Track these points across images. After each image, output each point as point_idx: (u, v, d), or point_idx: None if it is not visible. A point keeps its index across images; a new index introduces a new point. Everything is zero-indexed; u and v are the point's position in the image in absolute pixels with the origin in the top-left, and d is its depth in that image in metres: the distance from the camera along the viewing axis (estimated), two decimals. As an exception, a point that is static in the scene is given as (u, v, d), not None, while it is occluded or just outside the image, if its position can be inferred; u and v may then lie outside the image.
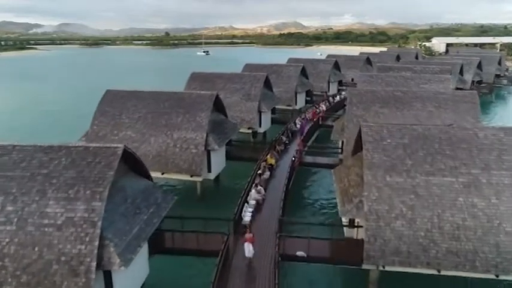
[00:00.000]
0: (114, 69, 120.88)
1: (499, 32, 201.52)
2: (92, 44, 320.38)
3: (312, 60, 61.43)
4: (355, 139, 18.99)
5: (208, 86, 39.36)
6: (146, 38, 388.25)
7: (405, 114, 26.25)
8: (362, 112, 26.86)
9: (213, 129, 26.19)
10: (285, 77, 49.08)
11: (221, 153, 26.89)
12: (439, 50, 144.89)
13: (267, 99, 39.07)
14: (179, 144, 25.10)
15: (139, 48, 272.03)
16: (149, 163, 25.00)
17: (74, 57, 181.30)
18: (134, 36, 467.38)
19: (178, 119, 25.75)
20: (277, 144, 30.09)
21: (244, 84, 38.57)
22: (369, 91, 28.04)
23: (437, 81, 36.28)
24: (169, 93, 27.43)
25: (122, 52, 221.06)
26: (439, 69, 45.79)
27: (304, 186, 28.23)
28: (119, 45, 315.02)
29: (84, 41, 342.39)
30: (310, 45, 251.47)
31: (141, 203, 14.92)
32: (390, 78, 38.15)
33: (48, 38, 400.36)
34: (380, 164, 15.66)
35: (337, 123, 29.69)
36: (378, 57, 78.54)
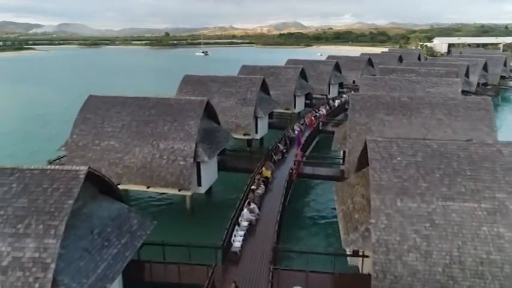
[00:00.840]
0: (110, 70, 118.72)
1: (500, 32, 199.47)
2: (90, 44, 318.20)
3: (311, 62, 59.25)
4: (360, 154, 16.82)
5: (202, 89, 37.28)
6: (146, 38, 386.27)
7: (412, 122, 24.08)
8: (366, 120, 24.69)
9: (203, 139, 24.03)
10: (284, 80, 46.93)
11: (212, 164, 24.75)
12: (441, 50, 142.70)
13: (264, 103, 36.91)
14: (166, 155, 22.94)
15: (138, 49, 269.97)
16: (133, 176, 22.98)
17: (71, 57, 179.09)
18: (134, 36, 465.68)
19: (165, 128, 23.59)
20: (273, 153, 27.95)
21: (240, 87, 36.42)
22: (373, 96, 25.88)
23: (445, 85, 34.12)
24: (156, 99, 25.28)
25: (120, 52, 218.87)
26: (445, 72, 43.60)
27: (303, 203, 25.96)
28: (118, 45, 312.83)
29: (83, 41, 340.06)
30: (310, 46, 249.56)
31: (112, 233, 12.77)
32: (394, 81, 36.01)
33: (47, 38, 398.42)
34: (389, 186, 13.50)
35: (339, 131, 27.51)
36: (380, 58, 76.35)
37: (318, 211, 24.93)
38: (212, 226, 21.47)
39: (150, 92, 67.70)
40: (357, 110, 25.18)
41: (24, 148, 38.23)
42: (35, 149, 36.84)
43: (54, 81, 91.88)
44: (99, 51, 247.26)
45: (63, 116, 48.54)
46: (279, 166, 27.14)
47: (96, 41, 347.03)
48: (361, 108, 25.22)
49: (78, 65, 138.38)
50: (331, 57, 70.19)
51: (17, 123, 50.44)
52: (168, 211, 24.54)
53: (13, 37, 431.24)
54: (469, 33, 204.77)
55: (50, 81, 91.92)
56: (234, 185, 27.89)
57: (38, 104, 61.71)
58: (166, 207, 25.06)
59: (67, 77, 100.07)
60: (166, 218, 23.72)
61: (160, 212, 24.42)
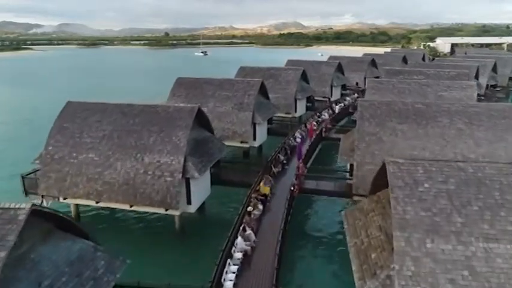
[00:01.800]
0: (105, 70, 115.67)
1: (501, 32, 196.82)
2: (89, 44, 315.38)
3: (312, 63, 56.56)
4: (376, 176, 14.17)
5: (196, 93, 34.67)
6: (145, 38, 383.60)
7: (429, 132, 21.40)
8: (376, 129, 22.02)
9: (193, 151, 21.37)
10: (284, 82, 44.29)
11: (204, 179, 22.07)
12: (444, 50, 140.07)
13: (262, 108, 34.25)
14: (151, 170, 20.28)
15: (137, 49, 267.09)
16: (114, 194, 20.33)
17: (68, 58, 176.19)
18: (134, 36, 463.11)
19: (151, 139, 20.92)
20: (273, 165, 25.28)
21: (237, 91, 33.77)
22: (384, 103, 23.20)
23: (459, 88, 31.47)
24: (140, 106, 22.59)
25: (118, 53, 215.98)
26: (455, 74, 40.94)
27: (306, 224, 23.11)
28: (116, 45, 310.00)
29: (81, 42, 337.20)
30: (310, 46, 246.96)
31: (68, 283, 10.12)
32: (403, 84, 33.36)
33: (46, 38, 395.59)
34: (416, 221, 10.87)
35: (345, 141, 24.83)
36: (383, 59, 73.77)
37: (323, 233, 22.20)
38: (205, 250, 18.96)
39: (142, 94, 65.86)
40: (365, 118, 22.51)
41: (5, 157, 35.56)
42: (18, 158, 34.06)
43: (46, 83, 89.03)
44: (97, 51, 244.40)
45: (52, 122, 45.92)
46: (279, 179, 24.47)
47: (95, 41, 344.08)
48: (370, 116, 22.54)
49: (74, 65, 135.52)
50: (333, 58, 67.58)
51: (2, 128, 47.75)
52: (154, 233, 21.88)
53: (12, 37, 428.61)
54: (470, 33, 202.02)
55: (43, 83, 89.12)
56: (229, 200, 25.28)
57: (26, 107, 58.86)
58: (153, 228, 22.40)
59: (61, 78, 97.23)
60: (152, 241, 21.15)
61: (146, 234, 21.77)
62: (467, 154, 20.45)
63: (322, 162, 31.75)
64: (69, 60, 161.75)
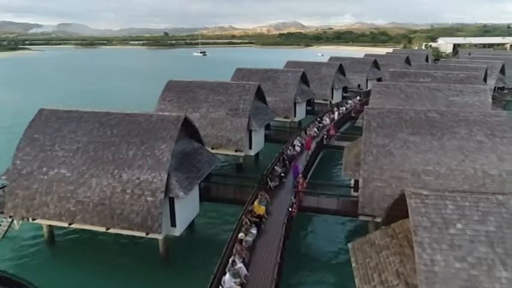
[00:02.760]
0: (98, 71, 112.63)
1: (502, 32, 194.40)
2: (87, 44, 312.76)
3: (313, 64, 54.06)
4: (391, 206, 11.74)
5: (188, 97, 32.27)
6: (145, 38, 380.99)
7: (445, 144, 18.98)
8: (384, 141, 19.60)
9: (179, 166, 18.93)
10: (282, 85, 41.88)
11: (192, 197, 19.63)
12: (446, 50, 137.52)
13: (259, 114, 31.82)
14: (130, 189, 17.84)
15: (135, 49, 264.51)
16: (89, 215, 17.92)
17: (64, 58, 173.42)
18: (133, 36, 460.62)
19: (130, 153, 18.48)
20: (269, 178, 22.84)
21: (231, 95, 31.35)
22: (393, 111, 20.77)
23: (471, 93, 29.07)
24: (120, 114, 20.12)
25: (116, 53, 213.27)
26: (465, 76, 38.53)
27: (306, 250, 20.32)
28: (115, 45, 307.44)
29: (79, 42, 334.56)
30: (310, 46, 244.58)
31: None
32: (410, 88, 30.95)
33: (45, 38, 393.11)
34: (448, 275, 8.45)
35: (349, 152, 22.38)
36: (386, 60, 71.31)
37: (326, 259, 19.70)
38: (193, 278, 16.62)
39: (132, 97, 63.11)
40: (373, 128, 20.08)
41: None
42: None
43: (35, 85, 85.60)
44: (95, 51, 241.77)
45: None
46: (276, 194, 22.03)
47: (93, 41, 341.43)
48: (378, 126, 20.11)
49: (69, 66, 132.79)
50: (334, 59, 65.10)
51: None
52: (137, 258, 19.40)
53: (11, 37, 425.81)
54: (471, 33, 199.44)
55: (31, 85, 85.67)
56: (221, 219, 22.90)
57: (8, 112, 55.13)
58: (136, 253, 19.91)
59: (51, 80, 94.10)
60: (134, 267, 18.70)
61: (127, 260, 19.26)
62: (488, 170, 18.07)
63: (324, 174, 29.34)
64: (64, 60, 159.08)
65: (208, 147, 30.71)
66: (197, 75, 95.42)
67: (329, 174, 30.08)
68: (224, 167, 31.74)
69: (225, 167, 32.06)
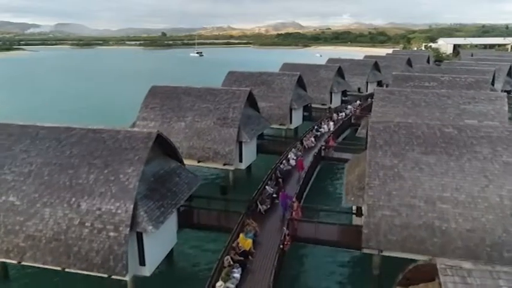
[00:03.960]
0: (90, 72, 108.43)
1: (501, 32, 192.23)
2: (83, 44, 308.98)
3: (310, 66, 51.14)
4: (415, 267, 8.80)
5: (172, 104, 29.36)
6: (142, 39, 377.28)
7: (464, 166, 16.08)
8: (393, 161, 16.69)
9: (150, 193, 15.97)
10: (278, 89, 39.00)
11: (166, 229, 16.65)
12: (446, 51, 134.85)
13: (250, 123, 28.90)
14: (89, 221, 14.88)
15: (132, 49, 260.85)
16: (41, 252, 14.96)
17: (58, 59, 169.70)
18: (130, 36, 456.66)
19: (91, 177, 15.52)
20: (258, 201, 19.91)
21: (220, 103, 28.44)
22: (402, 125, 17.87)
23: (486, 100, 26.19)
24: (82, 130, 17.11)
25: (112, 53, 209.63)
26: (474, 80, 35.62)
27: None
28: (111, 45, 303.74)
29: (75, 42, 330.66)
30: (308, 46, 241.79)
31: None
32: (417, 94, 28.05)
33: (42, 38, 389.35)
34: None
35: (350, 171, 19.45)
36: (386, 61, 68.52)
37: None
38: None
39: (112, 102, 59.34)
40: (379, 145, 17.17)
41: None
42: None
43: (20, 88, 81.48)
44: (90, 51, 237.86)
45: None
46: (266, 220, 19.15)
47: (90, 41, 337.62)
48: (385, 143, 17.20)
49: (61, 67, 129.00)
50: (332, 61, 62.19)
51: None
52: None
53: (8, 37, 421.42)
54: (470, 33, 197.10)
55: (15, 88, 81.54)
56: (203, 248, 19.92)
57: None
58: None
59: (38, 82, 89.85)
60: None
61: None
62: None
63: (322, 192, 26.43)
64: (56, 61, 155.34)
65: (193, 161, 28.00)
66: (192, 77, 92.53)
67: (328, 192, 27.11)
68: (212, 182, 28.77)
69: (214, 181, 29.12)
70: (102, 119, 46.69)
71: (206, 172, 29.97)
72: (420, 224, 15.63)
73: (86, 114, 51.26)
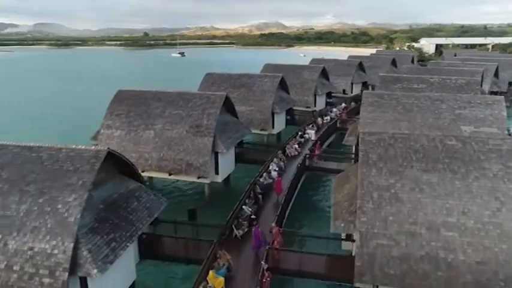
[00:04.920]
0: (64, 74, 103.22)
1: (479, 32, 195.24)
2: (61, 44, 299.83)
3: (293, 67, 48.64)
4: None
5: (140, 111, 26.44)
6: (123, 39, 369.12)
7: (472, 186, 13.76)
8: (389, 180, 14.25)
9: (97, 225, 13.08)
10: (258, 92, 36.38)
11: (120, 266, 13.75)
12: (429, 51, 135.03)
13: (227, 131, 26.18)
14: (19, 264, 11.91)
15: (112, 49, 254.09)
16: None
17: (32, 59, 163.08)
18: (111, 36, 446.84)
19: (22, 208, 12.52)
20: (234, 226, 17.20)
21: (194, 108, 25.64)
22: (398, 138, 15.46)
23: (483, 105, 24.16)
24: (16, 147, 14.06)
25: (91, 54, 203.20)
26: (464, 82, 33.85)
27: None
28: (91, 45, 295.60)
29: (53, 42, 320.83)
30: (291, 46, 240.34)
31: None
32: (408, 98, 25.85)
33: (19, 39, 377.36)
34: None
35: (338, 190, 16.91)
36: (371, 62, 66.70)
37: None
38: None
39: (78, 107, 54.63)
40: (372, 162, 14.71)
41: None
42: None
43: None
44: (68, 52, 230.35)
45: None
46: (243, 246, 16.48)
47: (69, 41, 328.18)
48: (379, 159, 14.75)
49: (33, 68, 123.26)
50: (316, 61, 60.03)
51: None
52: None
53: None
54: (450, 33, 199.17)
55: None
56: (170, 283, 17.08)
57: None
58: None
59: (3, 85, 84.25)
60: None
61: None
62: (535, 223, 12.93)
63: (307, 207, 23.86)
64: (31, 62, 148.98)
65: (164, 173, 25.16)
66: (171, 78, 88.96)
67: (314, 207, 24.53)
68: (183, 200, 25.90)
69: (187, 197, 26.29)
70: (67, 127, 43.19)
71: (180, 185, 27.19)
72: (422, 255, 13.23)
73: (52, 121, 47.52)
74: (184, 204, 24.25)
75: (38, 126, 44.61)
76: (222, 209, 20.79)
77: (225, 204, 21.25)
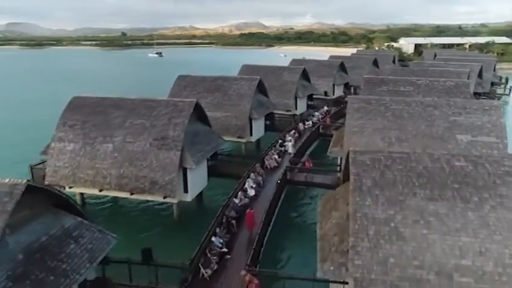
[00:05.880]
0: (31, 76, 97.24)
1: (454, 32, 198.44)
2: (34, 45, 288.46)
3: (273, 68, 45.90)
4: None
5: (97, 121, 23.11)
6: (100, 38, 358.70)
7: (488, 218, 11.24)
8: (387, 211, 11.59)
9: (13, 285, 9.93)
10: (235, 96, 33.51)
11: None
12: (408, 51, 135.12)
13: (198, 142, 23.13)
14: None
15: (87, 49, 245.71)
16: None
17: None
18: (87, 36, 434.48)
19: None
20: (201, 264, 14.24)
21: (158, 118, 22.51)
22: (396, 158, 12.81)
23: (480, 111, 21.91)
24: None
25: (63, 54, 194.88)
26: (453, 84, 31.88)
27: None
28: (65, 45, 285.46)
29: (25, 42, 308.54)
30: (272, 46, 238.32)
31: None
32: (398, 104, 23.36)
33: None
34: None
35: (325, 221, 14.12)
36: (352, 62, 64.56)
37: None
38: None
39: (30, 116, 48.89)
40: (366, 188, 12.02)
41: None
42: None
43: None
44: (40, 52, 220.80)
45: None
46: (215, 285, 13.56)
47: (42, 41, 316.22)
48: (374, 185, 12.08)
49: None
50: (296, 62, 57.53)
51: None
52: None
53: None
54: (426, 33, 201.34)
55: None
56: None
57: None
58: None
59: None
60: None
61: None
62: None
63: (288, 230, 21.05)
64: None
65: (125, 193, 21.95)
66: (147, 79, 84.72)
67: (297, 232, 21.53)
68: (147, 221, 22.75)
69: (153, 218, 23.13)
70: (18, 138, 38.43)
71: (145, 206, 24.02)
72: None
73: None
74: (147, 228, 21.21)
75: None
76: (194, 231, 18.13)
77: (197, 226, 18.63)
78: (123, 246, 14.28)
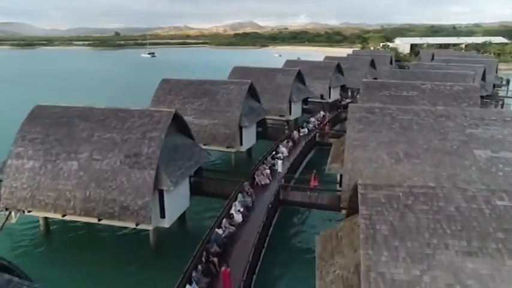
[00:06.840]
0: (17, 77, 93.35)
1: (448, 32, 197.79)
2: (25, 44, 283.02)
3: (265, 71, 42.88)
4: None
5: (61, 134, 20.05)
6: (93, 38, 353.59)
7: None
8: (411, 271, 8.67)
9: None
10: (223, 101, 30.56)
11: None
12: (404, 51, 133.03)
13: (177, 159, 20.06)
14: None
15: (80, 50, 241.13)
16: None
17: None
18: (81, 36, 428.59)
19: None
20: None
21: (131, 131, 19.47)
22: (419, 194, 9.90)
23: (498, 122, 19.15)
24: None
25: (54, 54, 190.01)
26: (462, 89, 29.16)
27: None
28: (57, 45, 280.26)
29: (16, 42, 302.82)
30: (266, 46, 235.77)
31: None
32: (406, 113, 20.50)
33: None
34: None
35: (324, 270, 11.23)
36: (349, 63, 61.86)
37: None
38: None
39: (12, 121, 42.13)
40: (381, 237, 9.10)
41: None
42: None
43: None
44: (31, 52, 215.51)
45: None
46: None
47: (34, 41, 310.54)
48: (392, 234, 9.14)
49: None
50: (290, 63, 54.56)
51: None
52: None
53: None
54: (421, 33, 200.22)
55: None
56: None
57: None
58: None
59: None
60: None
61: None
62: None
63: (283, 261, 18.12)
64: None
65: (92, 218, 18.91)
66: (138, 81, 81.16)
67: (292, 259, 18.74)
68: (119, 248, 19.69)
69: (125, 246, 20.05)
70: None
71: (119, 232, 20.93)
72: None
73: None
74: (121, 259, 18.22)
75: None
76: (174, 260, 15.94)
77: (178, 255, 16.21)
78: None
